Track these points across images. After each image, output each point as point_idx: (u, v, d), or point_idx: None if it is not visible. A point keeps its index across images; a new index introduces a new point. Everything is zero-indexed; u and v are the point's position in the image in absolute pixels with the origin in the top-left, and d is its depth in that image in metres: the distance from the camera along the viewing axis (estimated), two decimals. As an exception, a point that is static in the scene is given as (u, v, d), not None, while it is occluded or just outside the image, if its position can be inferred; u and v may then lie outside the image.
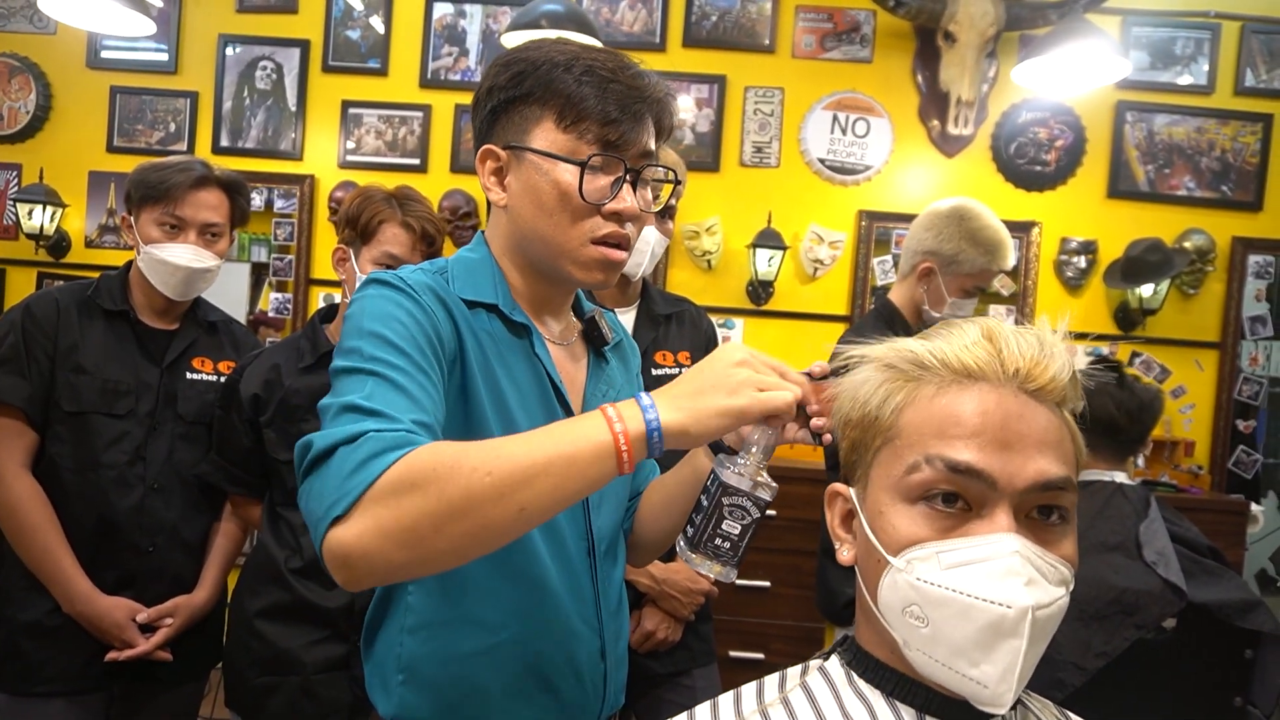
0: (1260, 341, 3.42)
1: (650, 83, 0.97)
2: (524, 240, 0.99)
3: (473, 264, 1.02)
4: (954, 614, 0.63)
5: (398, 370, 0.84)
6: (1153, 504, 1.92)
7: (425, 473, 0.73)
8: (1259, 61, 3.40)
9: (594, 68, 0.94)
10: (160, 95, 3.54)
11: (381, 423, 0.78)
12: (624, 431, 0.77)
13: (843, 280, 3.45)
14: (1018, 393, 0.67)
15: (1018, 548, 0.63)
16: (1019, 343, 0.68)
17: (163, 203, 1.70)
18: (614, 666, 1.07)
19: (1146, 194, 3.42)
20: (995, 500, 0.64)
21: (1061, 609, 0.64)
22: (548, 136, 0.95)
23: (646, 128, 0.97)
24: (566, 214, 0.95)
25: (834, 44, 3.44)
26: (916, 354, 0.70)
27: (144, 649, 1.63)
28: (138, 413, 1.70)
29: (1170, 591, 1.76)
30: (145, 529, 1.68)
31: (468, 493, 0.73)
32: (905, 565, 0.65)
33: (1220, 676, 1.84)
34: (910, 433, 0.68)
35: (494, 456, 0.75)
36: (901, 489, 0.67)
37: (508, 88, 0.96)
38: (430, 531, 0.73)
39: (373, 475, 0.73)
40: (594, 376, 1.08)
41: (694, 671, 1.73)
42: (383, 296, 0.91)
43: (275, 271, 3.55)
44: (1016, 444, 0.65)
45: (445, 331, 0.92)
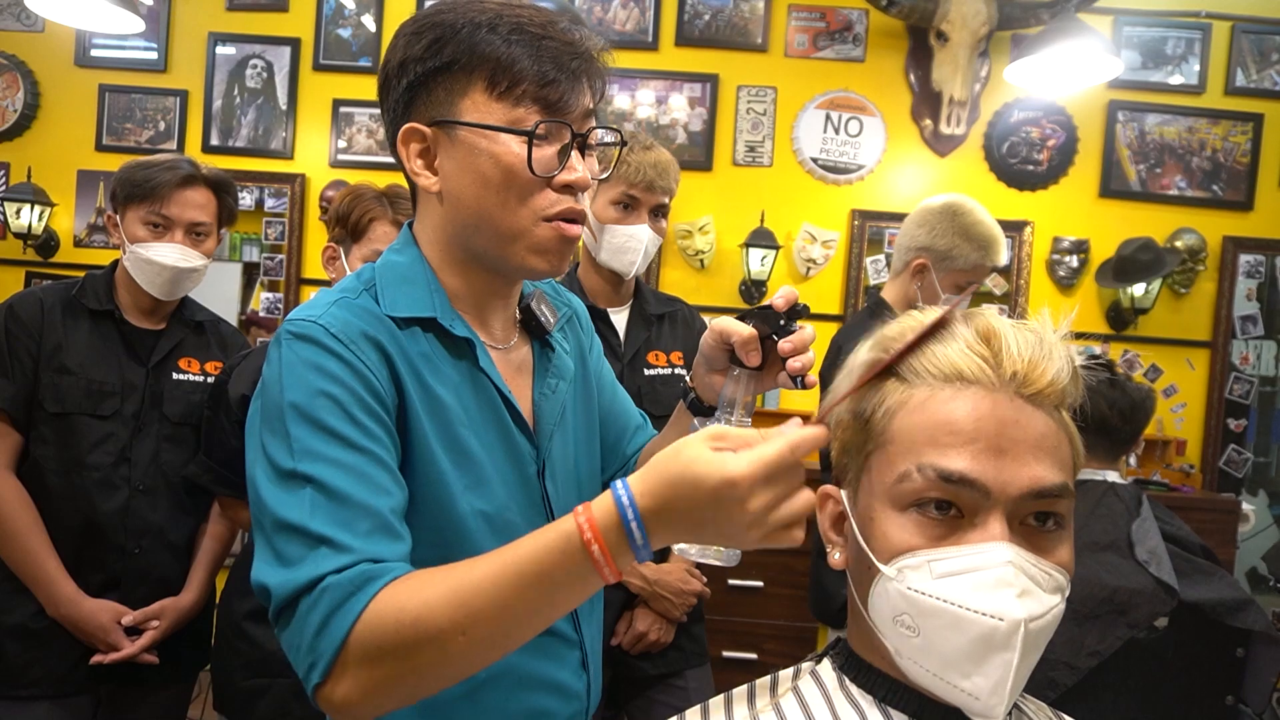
0: (1251, 340, 3.43)
1: (584, 36, 0.87)
2: (465, 229, 0.89)
3: (403, 270, 0.91)
4: (945, 625, 0.62)
5: (339, 469, 0.76)
6: (1145, 503, 1.92)
7: (393, 641, 0.69)
8: (1249, 61, 3.41)
9: (522, 24, 0.84)
10: (149, 94, 3.51)
11: (334, 557, 0.72)
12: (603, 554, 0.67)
13: (836, 279, 3.45)
14: (1014, 397, 0.65)
15: (1011, 557, 0.61)
16: (1018, 344, 0.66)
17: (149, 201, 1.68)
18: (595, 674, 1.03)
19: (1138, 193, 3.43)
20: (988, 508, 0.63)
21: (1057, 617, 0.63)
22: (481, 107, 0.84)
23: (584, 87, 0.87)
24: (515, 191, 0.85)
25: (826, 43, 3.44)
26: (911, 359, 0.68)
27: (129, 652, 1.61)
28: (123, 414, 1.68)
29: (1162, 590, 1.76)
30: (131, 531, 1.66)
31: (443, 658, 0.69)
32: (896, 574, 0.64)
33: (1212, 675, 1.84)
34: (902, 439, 0.66)
35: (463, 609, 0.68)
36: (893, 496, 0.66)
37: (425, 58, 0.85)
38: (415, 688, 0.71)
39: (338, 638, 0.70)
40: (540, 375, 0.99)
41: (686, 673, 1.72)
42: (304, 361, 0.80)
43: (266, 271, 3.53)
44: (1011, 450, 0.63)
45: (383, 381, 0.83)
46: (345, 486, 0.76)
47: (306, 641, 0.72)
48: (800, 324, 0.85)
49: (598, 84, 0.89)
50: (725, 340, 0.87)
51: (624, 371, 1.72)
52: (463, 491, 0.88)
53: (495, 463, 0.91)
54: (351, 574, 0.72)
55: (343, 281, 0.93)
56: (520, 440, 0.94)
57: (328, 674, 0.71)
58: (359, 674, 0.70)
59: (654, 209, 1.70)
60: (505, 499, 0.91)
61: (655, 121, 3.43)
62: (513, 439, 0.93)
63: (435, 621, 0.68)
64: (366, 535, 0.75)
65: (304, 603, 0.72)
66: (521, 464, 0.94)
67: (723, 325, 0.86)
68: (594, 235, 1.71)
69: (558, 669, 0.96)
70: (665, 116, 3.43)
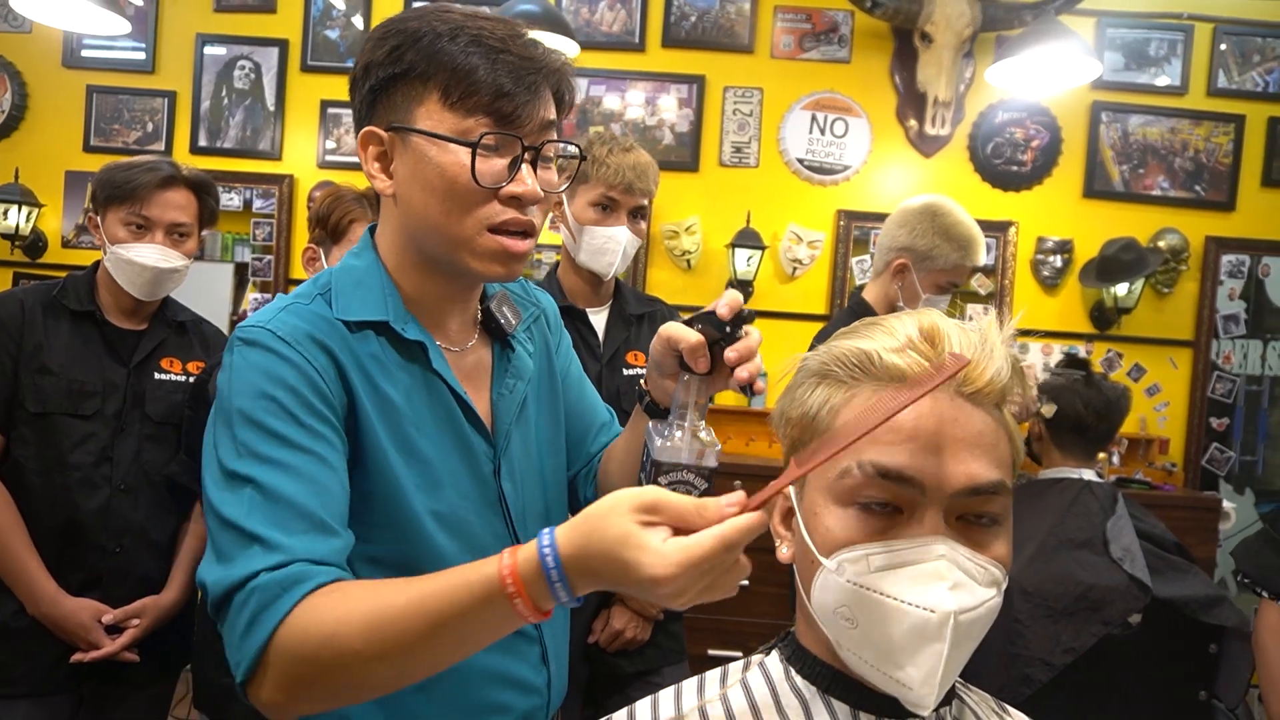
0: (1237, 340, 3.46)
1: (544, 52, 0.88)
2: (416, 232, 0.90)
3: (358, 274, 0.93)
4: (881, 617, 0.63)
5: (278, 469, 0.78)
6: (1120, 501, 1.94)
7: (309, 653, 0.71)
8: (1231, 63, 3.44)
9: (481, 36, 0.84)
10: (137, 95, 3.52)
11: (266, 555, 0.74)
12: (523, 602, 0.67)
13: (821, 280, 3.47)
14: (954, 396, 0.66)
15: (944, 551, 0.63)
16: (959, 344, 0.67)
17: (129, 202, 1.69)
18: (557, 669, 1.03)
19: (1121, 194, 3.45)
20: (925, 504, 0.65)
21: (991, 610, 0.65)
22: (434, 115, 0.85)
23: (544, 101, 0.87)
24: (458, 200, 0.86)
25: (812, 44, 3.45)
26: (853, 358, 0.69)
27: (109, 650, 1.62)
28: (104, 413, 1.69)
29: (1136, 587, 1.77)
30: (112, 530, 1.67)
31: (356, 679, 0.71)
32: (836, 567, 0.66)
33: (1186, 671, 1.86)
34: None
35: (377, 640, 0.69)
36: (835, 491, 0.67)
37: (386, 63, 0.86)
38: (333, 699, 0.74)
39: (262, 638, 0.72)
40: (499, 375, 1.00)
41: (664, 670, 1.73)
42: (252, 366, 0.83)
43: (255, 272, 3.54)
44: (948, 448, 0.65)
45: (330, 382, 0.85)
46: (283, 487, 0.77)
47: (236, 639, 0.74)
48: (746, 329, 0.85)
49: (563, 97, 0.90)
50: (674, 346, 0.86)
51: (603, 371, 1.73)
52: (414, 491, 0.89)
53: (448, 463, 0.92)
54: (281, 574, 0.73)
55: (300, 287, 0.94)
56: (475, 440, 0.95)
57: (252, 672, 0.73)
58: (279, 677, 0.72)
59: (633, 210, 1.72)
60: (458, 499, 0.92)
61: (643, 122, 3.45)
62: (467, 439, 0.94)
63: (349, 643, 0.70)
64: (301, 534, 0.76)
65: (236, 599, 0.74)
66: (476, 463, 0.95)
67: (670, 331, 0.87)
68: (573, 236, 1.73)
69: (516, 663, 0.96)
70: (654, 117, 3.45)
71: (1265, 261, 3.45)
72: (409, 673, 0.72)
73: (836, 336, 0.73)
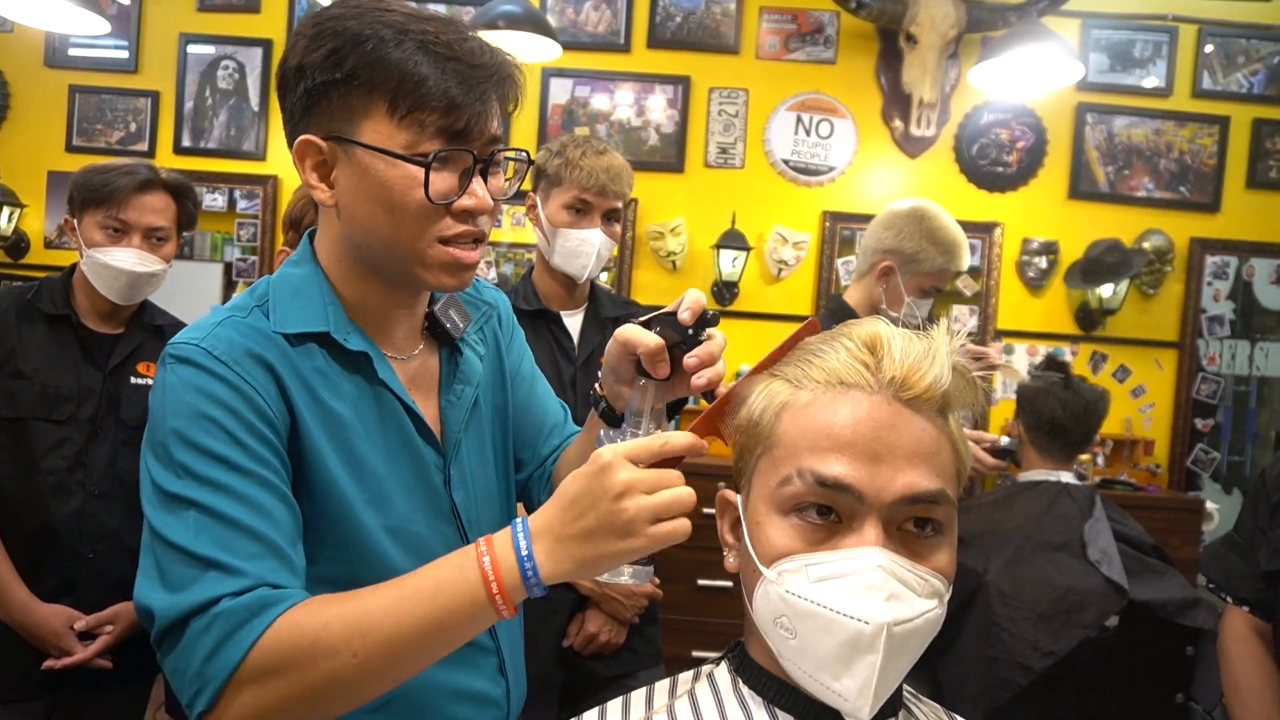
0: (1224, 340, 3.47)
1: (491, 57, 0.83)
2: (362, 244, 0.86)
3: (297, 283, 0.89)
4: (818, 627, 0.63)
5: (223, 492, 0.75)
6: (1098, 503, 1.95)
7: (287, 659, 0.69)
8: (1215, 64, 3.44)
9: (427, 42, 0.79)
10: (120, 94, 3.50)
11: (226, 580, 0.72)
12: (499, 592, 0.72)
13: (807, 281, 3.47)
14: (891, 401, 0.66)
15: (881, 562, 0.63)
16: (900, 351, 0.67)
17: (105, 206, 1.68)
18: (515, 679, 1.01)
19: (1106, 195, 3.46)
20: (863, 513, 0.64)
21: (931, 621, 0.64)
22: (381, 129, 0.80)
23: (492, 109, 0.83)
24: (409, 215, 0.82)
25: (798, 45, 3.45)
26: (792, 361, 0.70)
27: (82, 657, 1.61)
28: (79, 418, 1.68)
29: (1113, 590, 1.78)
30: (86, 535, 1.66)
31: (334, 679, 0.70)
32: (776, 577, 0.65)
33: (1163, 674, 1.86)
34: (786, 443, 0.68)
35: (358, 633, 0.70)
36: (776, 500, 0.67)
37: (324, 67, 0.80)
38: (305, 711, 0.71)
39: (233, 662, 0.69)
40: (447, 381, 0.97)
41: (639, 674, 1.73)
42: (186, 385, 0.79)
43: (239, 273, 3.53)
44: (886, 456, 0.64)
45: (271, 400, 0.81)
46: (229, 509, 0.75)
47: (194, 667, 0.70)
48: (709, 333, 0.83)
49: (510, 101, 0.86)
50: (631, 350, 0.84)
51: (577, 374, 1.73)
52: (364, 507, 0.87)
53: (398, 475, 0.90)
54: (248, 599, 0.71)
55: (235, 298, 0.91)
56: (425, 450, 0.93)
57: (215, 700, 0.70)
58: (248, 698, 0.69)
59: (606, 213, 1.71)
60: (409, 512, 0.90)
61: (629, 123, 3.44)
62: (416, 450, 0.92)
63: (330, 641, 0.70)
64: (255, 559, 0.74)
65: (194, 625, 0.71)
66: (426, 474, 0.93)
67: (629, 334, 0.83)
68: (547, 239, 1.72)
69: (473, 677, 0.95)
70: (640, 118, 3.44)
71: (1250, 262, 3.46)
72: (385, 673, 0.72)
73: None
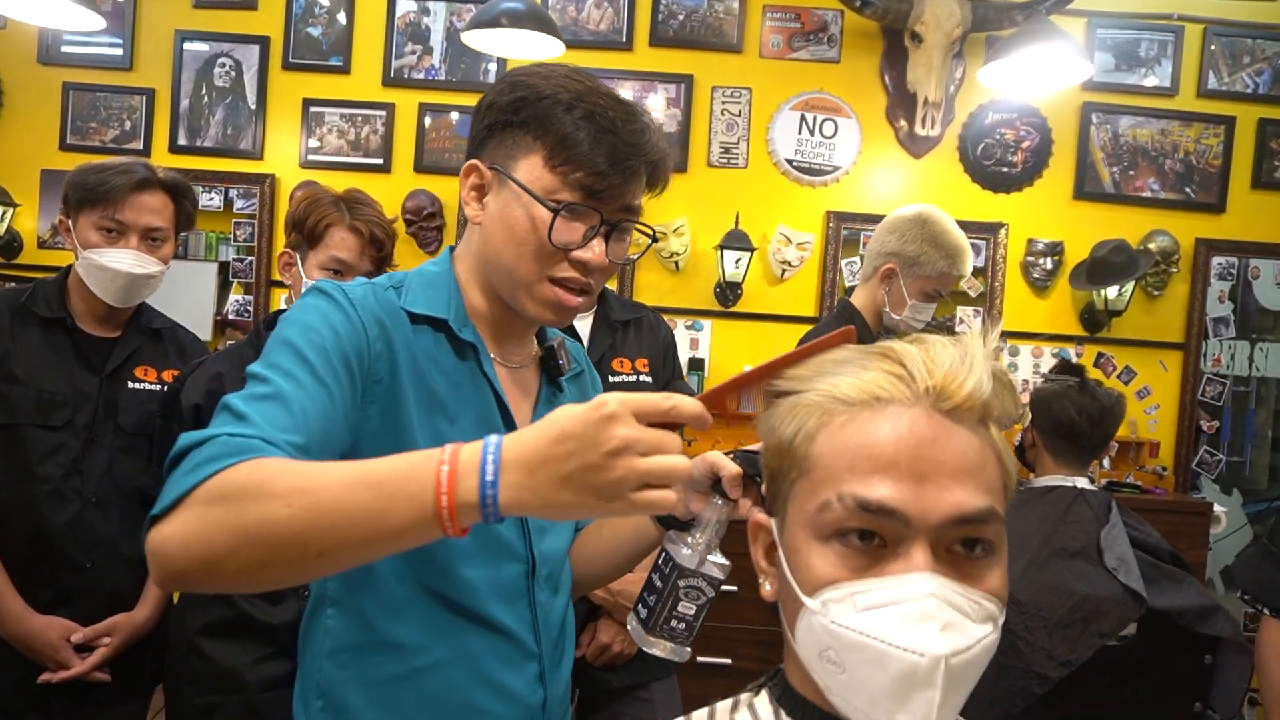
0: (1225, 341, 3.45)
1: (649, 140, 0.95)
2: (488, 263, 0.98)
3: (432, 278, 1.01)
4: (868, 660, 0.59)
5: (291, 380, 0.83)
6: (1114, 509, 1.92)
7: (235, 488, 0.70)
8: (1221, 64, 3.43)
9: (595, 114, 0.92)
10: (115, 92, 3.45)
11: (241, 428, 0.76)
12: (448, 507, 0.67)
13: (811, 282, 3.44)
14: (931, 413, 0.62)
15: (933, 589, 0.59)
16: (932, 358, 0.63)
17: (102, 206, 1.64)
18: (554, 694, 1.03)
19: (1112, 195, 3.43)
20: (910, 537, 0.60)
21: (987, 648, 0.61)
22: (533, 171, 0.93)
23: (636, 183, 0.96)
24: (530, 249, 0.93)
25: (801, 44, 3.42)
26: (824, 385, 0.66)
27: (79, 670, 1.57)
28: (75, 424, 1.64)
29: (1130, 598, 1.75)
30: (82, 544, 1.62)
31: (264, 522, 0.68)
32: (820, 607, 0.62)
33: (1180, 682, 1.83)
34: (822, 466, 0.64)
35: (299, 489, 0.69)
36: (816, 526, 0.63)
37: (506, 109, 0.95)
38: (225, 551, 0.69)
39: (198, 479, 0.71)
40: (545, 404, 1.06)
41: (651, 685, 1.70)
42: (312, 306, 0.90)
43: (236, 273, 3.48)
44: (931, 474, 0.60)
45: (373, 349, 0.90)
46: (287, 392, 0.81)
47: (175, 479, 0.73)
48: None
49: (659, 178, 0.99)
50: (714, 472, 0.92)
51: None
52: None
53: None
54: (241, 441, 0.75)
55: (378, 278, 1.00)
56: None
57: (167, 508, 0.72)
58: (189, 516, 0.70)
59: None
60: None
61: (630, 122, 3.40)
62: None
63: (274, 488, 0.69)
64: (276, 427, 0.78)
65: (194, 451, 0.74)
66: None
67: (715, 459, 0.93)
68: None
69: (509, 675, 0.98)
70: (640, 117, 3.41)
71: (1255, 264, 3.44)
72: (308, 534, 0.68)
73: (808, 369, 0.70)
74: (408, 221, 3.38)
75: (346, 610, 0.96)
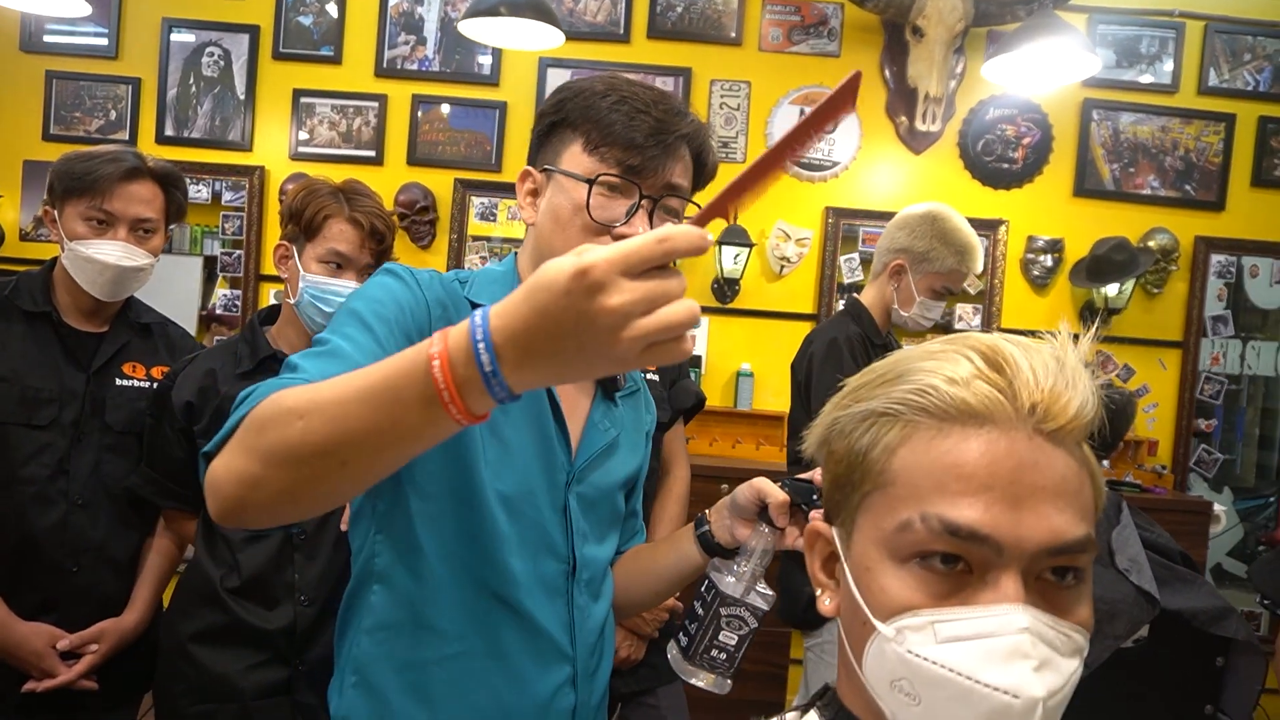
0: (1220, 340, 3.44)
1: (686, 118, 0.98)
2: (541, 256, 0.99)
3: (495, 275, 1.05)
4: (951, 696, 0.55)
5: (350, 341, 0.86)
6: (1124, 510, 1.89)
7: (260, 416, 0.71)
8: (1222, 61, 3.41)
9: (629, 98, 0.97)
10: (100, 81, 3.37)
11: (292, 378, 0.78)
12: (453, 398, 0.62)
13: (809, 278, 3.40)
14: (1032, 435, 0.56)
15: (1027, 624, 0.54)
16: (1034, 371, 0.57)
17: (89, 195, 1.57)
18: (586, 701, 1.02)
19: (1112, 193, 3.41)
20: (1001, 565, 0.56)
21: (1075, 684, 0.56)
22: (575, 159, 0.97)
23: (674, 160, 0.97)
24: (576, 229, 0.96)
25: (801, 37, 3.38)
26: (911, 393, 0.59)
27: (65, 679, 1.51)
28: (61, 422, 1.57)
29: (1144, 599, 1.72)
30: (69, 548, 1.56)
31: (283, 440, 0.69)
32: (895, 634, 0.57)
33: (1192, 685, 1.81)
34: (904, 482, 0.58)
35: (310, 401, 0.69)
36: (893, 546, 0.58)
37: (550, 113, 1.01)
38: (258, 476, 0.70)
39: (240, 416, 0.74)
40: (600, 409, 1.08)
41: (658, 690, 1.67)
42: (379, 283, 0.95)
43: (224, 267, 3.41)
44: (1028, 500, 0.55)
45: (435, 328, 0.89)
46: (345, 349, 0.84)
47: (227, 422, 0.75)
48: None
49: (704, 162, 1.01)
50: (761, 499, 0.96)
51: (594, 377, 1.65)
52: (485, 465, 0.96)
53: (524, 455, 0.99)
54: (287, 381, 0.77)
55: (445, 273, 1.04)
56: (557, 448, 1.02)
57: (219, 445, 0.74)
58: (232, 444, 0.73)
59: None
60: (524, 488, 0.98)
61: (627, 116, 3.36)
62: (550, 442, 1.01)
63: (286, 404, 0.70)
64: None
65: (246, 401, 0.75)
66: (552, 469, 1.01)
67: (762, 486, 0.97)
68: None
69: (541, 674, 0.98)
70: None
71: (1253, 262, 3.43)
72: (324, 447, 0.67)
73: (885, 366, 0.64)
74: (400, 215, 3.32)
75: (391, 587, 0.97)
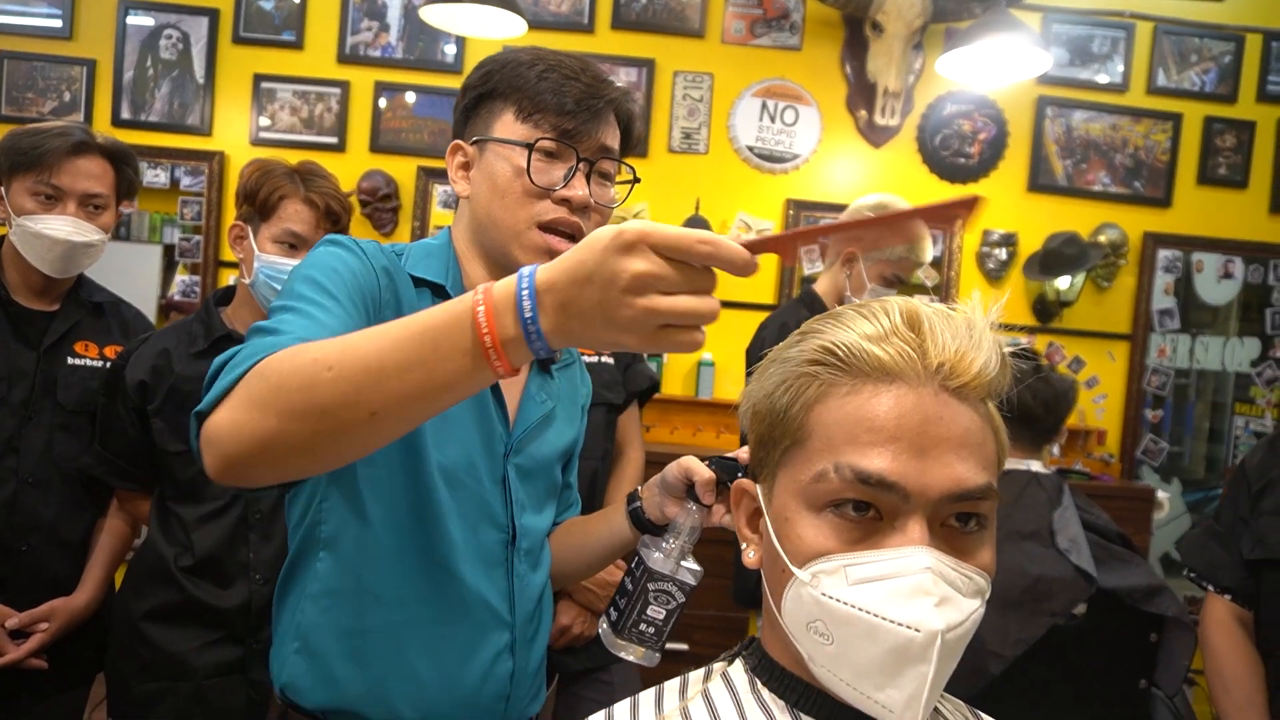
0: (1168, 334, 3.54)
1: (611, 85, 1.03)
2: (480, 225, 1.02)
3: (431, 248, 1.05)
4: (859, 634, 0.58)
5: (313, 304, 0.86)
6: (1066, 492, 1.95)
7: (276, 368, 0.70)
8: (1170, 62, 3.50)
9: (556, 67, 0.99)
10: (53, 62, 3.31)
11: (273, 338, 0.78)
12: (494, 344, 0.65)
13: (770, 269, 3.44)
14: (939, 391, 0.61)
15: (930, 563, 0.58)
16: (945, 332, 0.62)
17: (36, 170, 1.56)
18: (524, 668, 1.04)
19: (1064, 188, 3.50)
20: (908, 511, 0.60)
21: (976, 622, 0.60)
22: (507, 127, 0.99)
23: (605, 125, 1.01)
24: (515, 196, 0.97)
25: (763, 30, 3.42)
26: (830, 350, 0.63)
27: (13, 657, 1.50)
28: (10, 401, 1.56)
29: (1081, 578, 1.78)
30: (18, 528, 1.55)
31: (310, 388, 0.67)
32: (810, 578, 0.60)
33: (1128, 660, 1.88)
34: (820, 435, 0.62)
35: (341, 351, 0.69)
36: (808, 495, 0.62)
37: (477, 85, 1.02)
38: (275, 429, 0.68)
39: (241, 371, 0.72)
40: (535, 381, 1.09)
41: (611, 667, 1.69)
42: (326, 252, 0.95)
43: (183, 253, 3.37)
44: (933, 450, 0.59)
45: (382, 295, 0.94)
46: (316, 315, 0.84)
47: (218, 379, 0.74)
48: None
49: (630, 129, 1.05)
50: (688, 477, 0.97)
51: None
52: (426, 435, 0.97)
53: (464, 426, 1.00)
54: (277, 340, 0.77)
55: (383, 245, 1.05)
56: (495, 420, 1.03)
57: (216, 401, 0.72)
58: (238, 398, 0.71)
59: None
60: (464, 461, 0.99)
61: (591, 106, 3.37)
62: (488, 414, 1.02)
63: (312, 354, 0.70)
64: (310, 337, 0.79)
65: (231, 361, 0.75)
66: (491, 439, 1.02)
67: (689, 464, 0.97)
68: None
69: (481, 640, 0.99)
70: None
71: (1198, 257, 3.54)
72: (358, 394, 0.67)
73: (809, 326, 0.68)
74: (363, 202, 3.30)
75: (337, 554, 0.98)
